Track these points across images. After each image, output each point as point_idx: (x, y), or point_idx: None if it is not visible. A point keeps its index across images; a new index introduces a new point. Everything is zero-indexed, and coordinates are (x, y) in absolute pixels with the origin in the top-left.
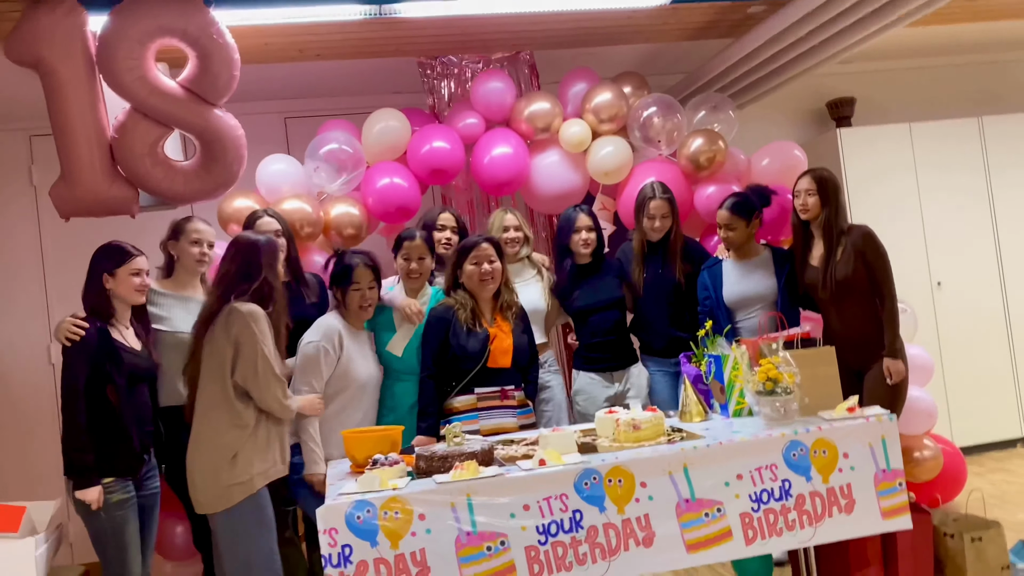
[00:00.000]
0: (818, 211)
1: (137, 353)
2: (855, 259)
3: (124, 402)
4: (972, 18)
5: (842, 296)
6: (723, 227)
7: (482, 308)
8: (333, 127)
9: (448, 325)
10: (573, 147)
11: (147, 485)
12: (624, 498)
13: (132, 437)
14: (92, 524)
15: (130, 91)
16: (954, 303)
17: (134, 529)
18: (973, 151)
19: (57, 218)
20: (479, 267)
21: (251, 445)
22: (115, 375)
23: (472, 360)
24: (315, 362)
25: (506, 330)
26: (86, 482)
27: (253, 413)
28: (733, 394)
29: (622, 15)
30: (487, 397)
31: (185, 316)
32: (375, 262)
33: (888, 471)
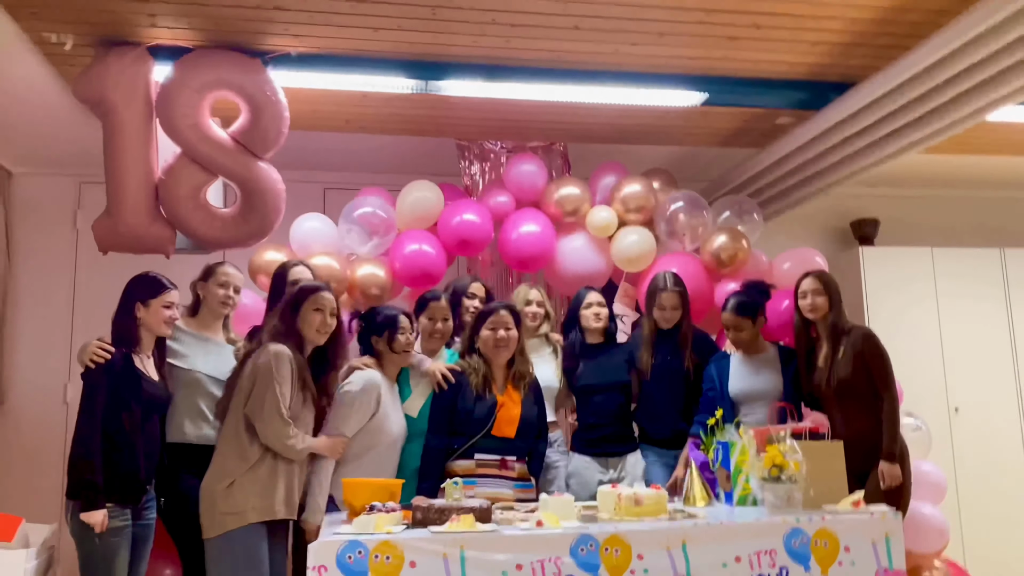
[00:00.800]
0: (826, 311)
1: (155, 384)
2: (855, 360)
3: (137, 430)
4: (988, 151)
5: (843, 397)
6: (731, 329)
7: (495, 374)
8: (370, 193)
9: (458, 389)
10: (599, 232)
11: (144, 516)
12: (619, 568)
13: (140, 466)
14: (84, 548)
15: (183, 136)
16: (971, 430)
17: (124, 558)
18: (994, 280)
19: (93, 266)
20: (495, 332)
21: (250, 478)
22: (132, 402)
23: (476, 425)
24: (348, 411)
25: (516, 399)
26: (92, 504)
27: (258, 449)
28: (739, 480)
29: (655, 114)
30: (487, 464)
31: (203, 356)
32: (408, 312)
33: (890, 571)
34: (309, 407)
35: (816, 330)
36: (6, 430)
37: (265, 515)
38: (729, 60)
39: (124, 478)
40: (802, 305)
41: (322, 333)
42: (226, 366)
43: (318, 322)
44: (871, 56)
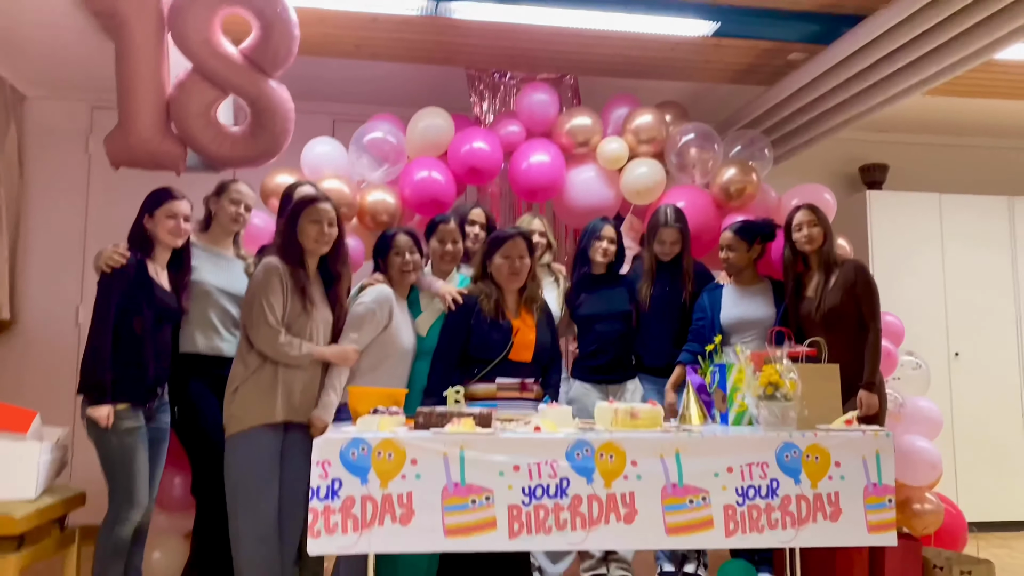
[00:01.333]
0: (820, 242)
1: (168, 293)
2: (846, 290)
3: (147, 335)
4: (998, 94)
5: (830, 326)
6: (724, 248)
7: (507, 300)
8: (380, 119)
9: (470, 314)
10: (610, 163)
11: (158, 419)
12: (613, 473)
13: (149, 369)
14: (103, 447)
15: (194, 52)
16: (970, 375)
17: (143, 458)
18: (1001, 229)
19: (105, 190)
20: (510, 261)
21: (251, 384)
22: (144, 307)
23: (494, 351)
24: (360, 321)
25: (529, 324)
26: (99, 399)
27: (256, 357)
28: (735, 398)
29: (666, 45)
30: (507, 388)
31: (213, 269)
32: (414, 231)
33: (879, 486)
34: (310, 316)
35: (807, 262)
36: (19, 351)
37: (264, 419)
38: None
39: (135, 381)
40: (796, 237)
41: (321, 243)
42: (236, 280)
43: (315, 233)
44: None
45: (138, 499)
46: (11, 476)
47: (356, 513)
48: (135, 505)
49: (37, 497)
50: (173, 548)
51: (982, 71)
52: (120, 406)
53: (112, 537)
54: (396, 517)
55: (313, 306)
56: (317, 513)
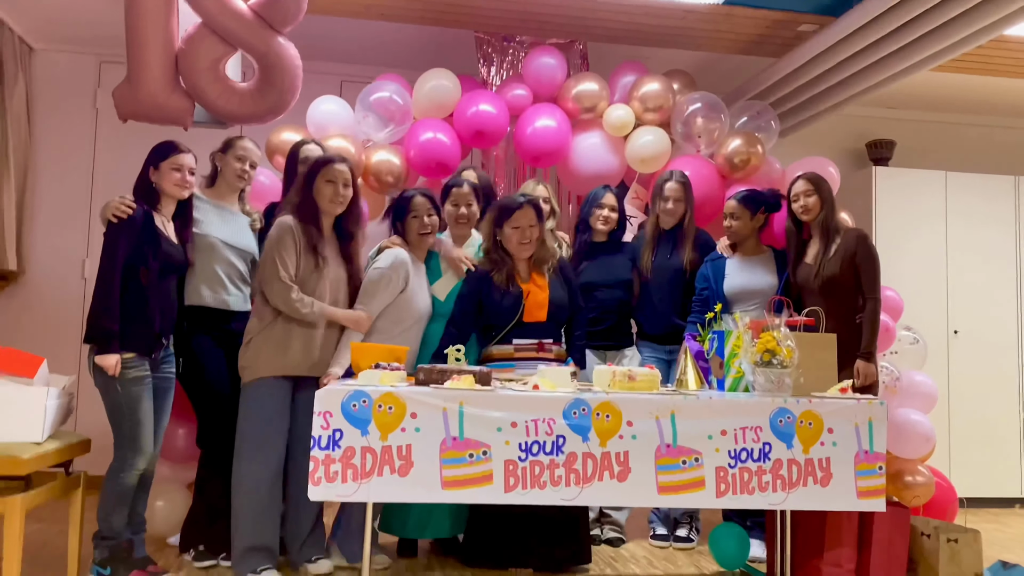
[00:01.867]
0: (818, 211)
1: (174, 244)
2: (846, 259)
3: (153, 285)
4: (1008, 72)
5: (828, 294)
6: (728, 216)
7: (517, 267)
8: (387, 79)
9: (483, 283)
10: (615, 130)
11: (163, 369)
12: (609, 432)
13: (154, 319)
14: (109, 396)
15: (203, 6)
16: (968, 354)
17: (148, 407)
18: (1006, 208)
19: (112, 145)
20: (520, 231)
21: (264, 337)
22: (150, 257)
23: (506, 317)
24: (375, 287)
25: (542, 285)
26: (106, 348)
27: (271, 311)
28: (732, 364)
29: (677, 12)
30: (524, 348)
31: (219, 223)
32: (431, 193)
33: (870, 453)
34: (322, 274)
35: (808, 231)
36: (25, 302)
37: (276, 371)
38: None
39: (140, 331)
40: (795, 207)
41: (336, 203)
42: (241, 235)
43: (330, 193)
44: None
45: (143, 447)
46: (19, 419)
47: (356, 463)
48: (140, 452)
49: (44, 441)
50: (176, 497)
51: (991, 48)
52: (126, 355)
53: (117, 483)
54: (395, 468)
55: (326, 264)
56: (318, 462)
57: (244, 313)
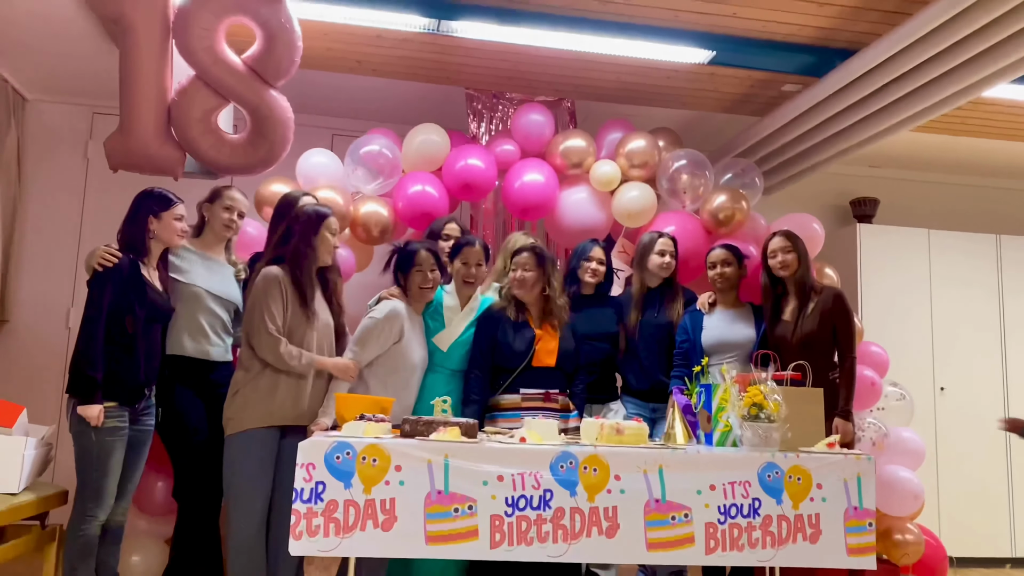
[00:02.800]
0: (796, 267)
1: (159, 293)
2: (823, 317)
3: (139, 334)
4: (985, 133)
5: (805, 351)
6: (719, 264)
7: (530, 311)
8: (377, 133)
9: (498, 323)
10: (602, 185)
11: (142, 420)
12: (597, 487)
13: (140, 370)
14: (80, 443)
15: (197, 59)
16: (956, 410)
17: (119, 459)
18: (988, 266)
19: (102, 196)
20: (514, 273)
21: (251, 388)
22: (136, 307)
23: (517, 357)
24: (367, 336)
25: (552, 333)
26: (90, 398)
27: (259, 363)
28: (719, 418)
29: (663, 72)
30: (531, 398)
31: (205, 273)
32: (435, 248)
33: (860, 509)
34: (311, 325)
35: (784, 286)
36: (8, 350)
37: (263, 422)
38: (737, 18)
39: (124, 380)
40: (772, 264)
41: (332, 253)
42: (227, 285)
43: (333, 244)
44: (877, 21)
45: (105, 499)
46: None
47: (339, 517)
48: (101, 505)
49: (19, 492)
50: (153, 552)
51: (970, 109)
52: (108, 404)
53: (79, 535)
54: (378, 523)
55: (315, 316)
56: (300, 515)
57: (225, 364)
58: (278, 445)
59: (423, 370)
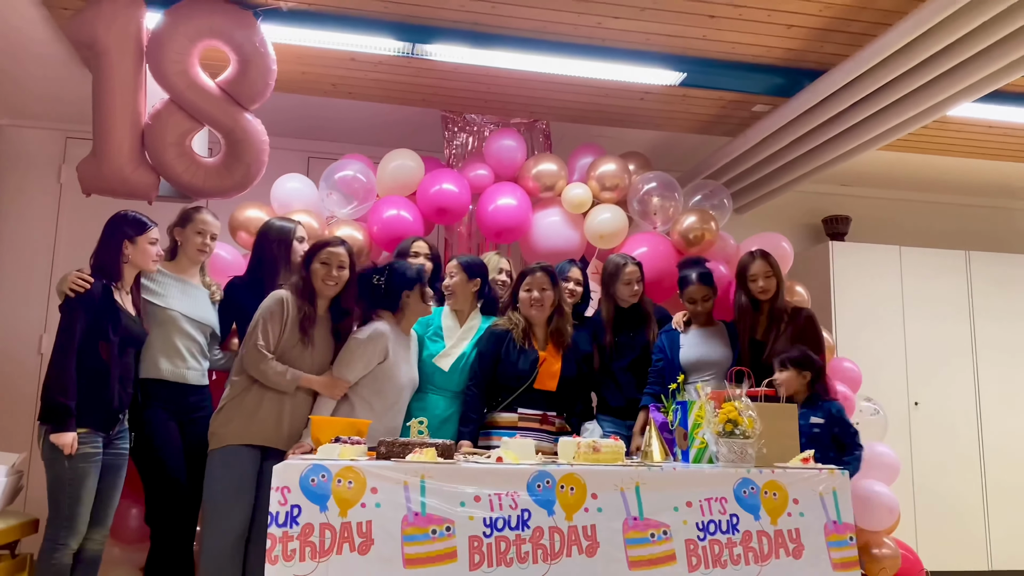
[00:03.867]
0: (775, 291)
1: (133, 318)
2: (795, 338)
3: (113, 360)
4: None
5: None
6: (698, 301)
7: (535, 331)
8: (352, 159)
9: (502, 343)
10: (574, 208)
11: (116, 445)
12: (574, 506)
13: (114, 395)
14: (53, 470)
15: (171, 83)
16: (930, 424)
17: (92, 485)
18: (958, 282)
19: (75, 220)
20: (530, 293)
21: (235, 404)
22: (110, 332)
23: (520, 379)
24: (351, 356)
25: (556, 356)
26: (63, 426)
27: (245, 379)
28: (695, 435)
29: (635, 94)
30: (529, 418)
31: (180, 296)
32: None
33: (839, 523)
34: (303, 354)
35: (757, 306)
36: None
37: (244, 439)
38: (707, 40)
39: (98, 406)
40: (752, 288)
41: (328, 285)
42: (202, 308)
43: (324, 274)
44: (844, 43)
45: (77, 527)
46: None
47: (315, 540)
48: (73, 532)
49: None
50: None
51: (936, 128)
52: (80, 430)
53: (50, 565)
54: (355, 546)
55: (312, 346)
56: (275, 539)
57: (202, 388)
58: (260, 467)
59: (411, 391)
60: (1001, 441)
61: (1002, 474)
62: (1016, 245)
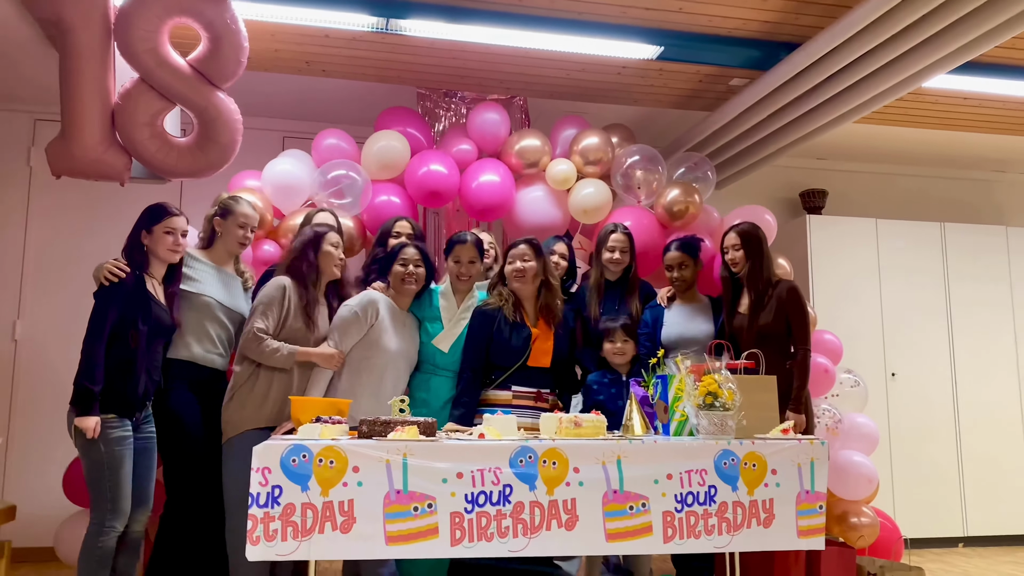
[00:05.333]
0: (743, 263)
1: (163, 309)
2: (778, 310)
3: (141, 349)
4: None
5: (761, 343)
6: (675, 267)
7: (526, 307)
8: (331, 135)
9: (493, 321)
10: (558, 184)
11: (144, 429)
12: (556, 480)
13: (139, 383)
14: (89, 456)
15: (141, 61)
16: (907, 394)
17: (128, 468)
18: (934, 253)
19: (46, 203)
20: (512, 264)
21: (245, 391)
22: (140, 321)
23: (514, 356)
24: (343, 324)
25: (548, 333)
26: (87, 410)
27: (248, 364)
28: (676, 408)
29: (612, 68)
30: (522, 396)
31: (216, 284)
32: (423, 246)
33: (811, 493)
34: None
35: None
36: None
37: (253, 423)
38: (684, 13)
39: (124, 393)
40: (726, 259)
41: (339, 267)
42: (236, 297)
43: (335, 258)
44: (819, 15)
45: (122, 508)
46: None
47: (296, 520)
48: (119, 514)
49: None
50: None
51: (910, 100)
52: (108, 416)
53: (96, 547)
54: (337, 524)
55: (316, 327)
56: (256, 520)
57: (223, 373)
58: None
59: (410, 363)
60: (975, 410)
61: (976, 443)
62: (990, 216)
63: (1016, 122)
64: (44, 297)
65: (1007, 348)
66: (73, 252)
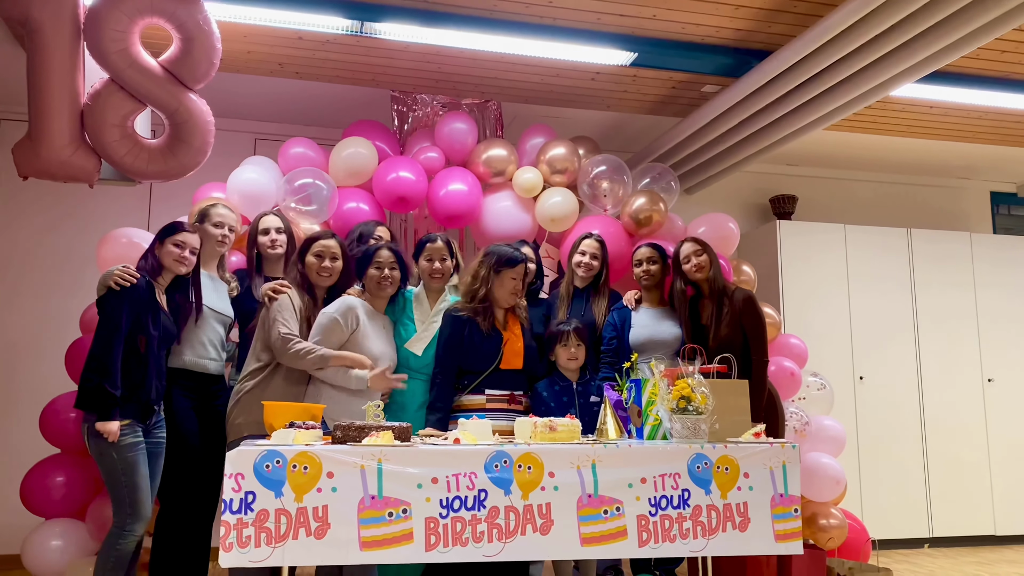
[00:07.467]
0: (709, 267)
1: (168, 316)
2: (735, 322)
3: (151, 354)
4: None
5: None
6: (645, 261)
7: (497, 314)
8: (299, 144)
9: (464, 326)
10: (525, 192)
11: (155, 434)
12: (531, 485)
13: (151, 387)
14: (104, 463)
15: (111, 62)
16: (874, 398)
17: (145, 472)
18: (901, 259)
19: (12, 205)
20: (515, 282)
21: (253, 395)
22: (150, 327)
23: (486, 361)
24: (323, 331)
25: (517, 333)
26: (108, 415)
27: (258, 368)
28: (649, 412)
29: (587, 74)
30: (496, 399)
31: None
32: (397, 247)
33: (785, 496)
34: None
35: (698, 290)
36: None
37: (258, 428)
38: (658, 20)
39: (137, 398)
40: (686, 269)
41: (323, 276)
42: (224, 302)
43: (317, 267)
44: (791, 23)
45: (142, 512)
46: None
47: (270, 526)
48: (140, 518)
49: None
50: None
51: (878, 108)
52: (122, 422)
53: (115, 550)
54: (311, 531)
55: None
56: (229, 527)
57: (219, 377)
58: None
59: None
60: (941, 412)
61: (942, 445)
62: (956, 222)
63: (980, 130)
64: (10, 300)
65: (971, 352)
66: (39, 253)
